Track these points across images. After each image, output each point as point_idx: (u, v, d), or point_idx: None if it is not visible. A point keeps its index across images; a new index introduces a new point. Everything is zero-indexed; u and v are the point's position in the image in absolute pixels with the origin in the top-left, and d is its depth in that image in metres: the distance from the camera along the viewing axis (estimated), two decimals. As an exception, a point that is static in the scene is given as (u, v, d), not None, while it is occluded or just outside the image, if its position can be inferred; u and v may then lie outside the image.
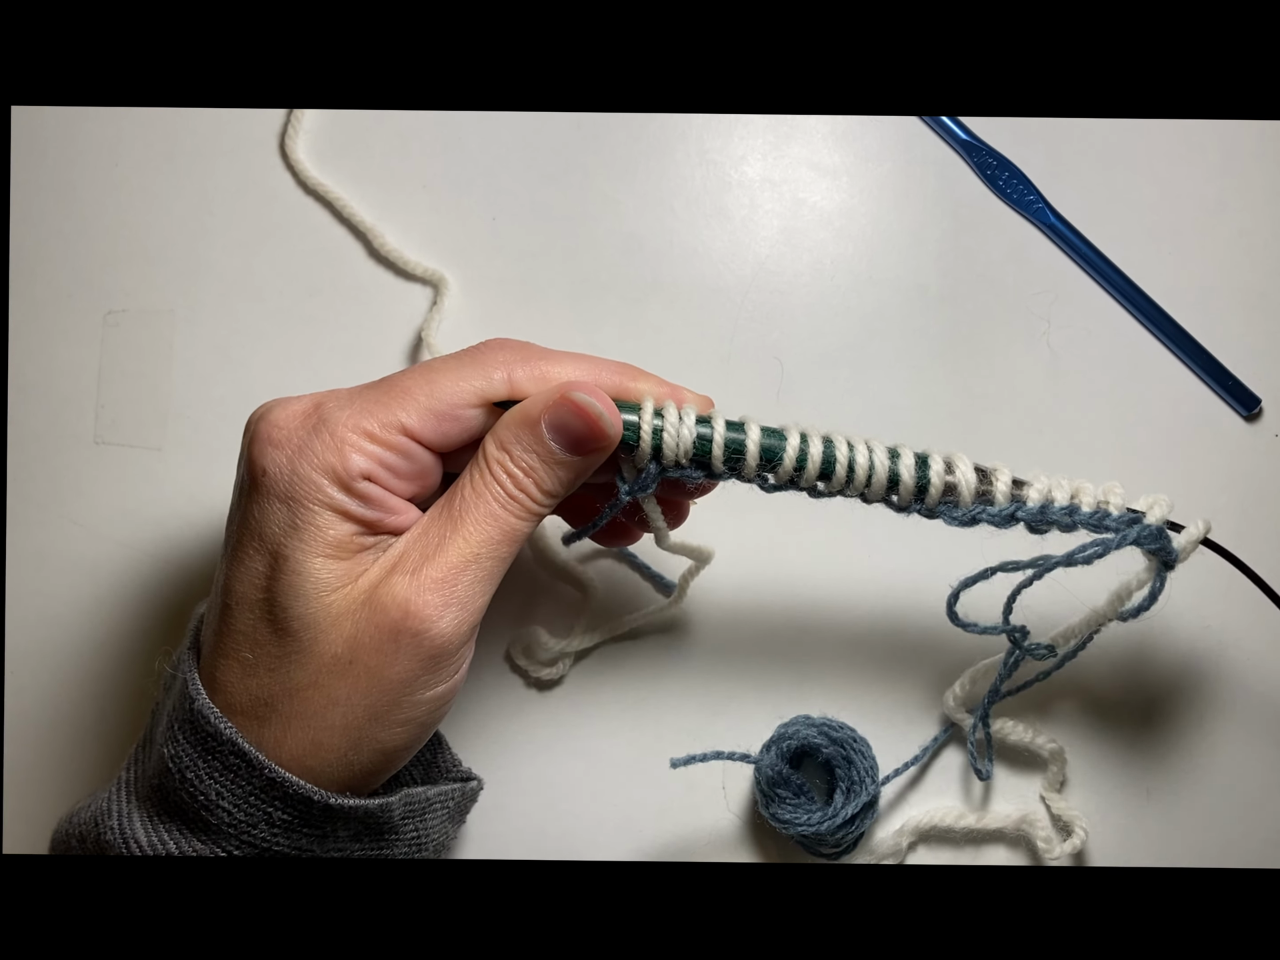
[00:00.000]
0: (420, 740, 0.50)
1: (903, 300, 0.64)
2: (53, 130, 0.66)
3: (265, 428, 0.48)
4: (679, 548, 0.57)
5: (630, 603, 0.62)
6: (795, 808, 0.57)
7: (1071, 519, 0.50)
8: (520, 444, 0.48)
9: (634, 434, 0.49)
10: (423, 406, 0.48)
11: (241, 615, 0.48)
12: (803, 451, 0.50)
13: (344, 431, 0.47)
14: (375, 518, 0.48)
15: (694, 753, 0.56)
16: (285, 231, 0.65)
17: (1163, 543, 0.50)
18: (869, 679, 0.61)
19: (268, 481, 0.47)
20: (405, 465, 0.48)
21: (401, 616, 0.46)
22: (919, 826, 0.59)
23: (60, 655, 0.62)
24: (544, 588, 0.62)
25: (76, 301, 0.64)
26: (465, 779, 0.57)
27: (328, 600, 0.47)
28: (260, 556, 0.47)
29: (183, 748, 0.47)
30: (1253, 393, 0.62)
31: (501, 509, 0.48)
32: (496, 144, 0.66)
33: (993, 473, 0.51)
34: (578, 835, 0.60)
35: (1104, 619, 0.53)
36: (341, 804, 0.47)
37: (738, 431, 0.50)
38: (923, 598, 0.61)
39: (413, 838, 0.52)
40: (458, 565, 0.47)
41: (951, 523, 0.51)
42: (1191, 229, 0.64)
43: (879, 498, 0.51)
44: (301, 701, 0.47)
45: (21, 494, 0.63)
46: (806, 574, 0.62)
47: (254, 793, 0.46)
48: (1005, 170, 0.64)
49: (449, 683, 0.49)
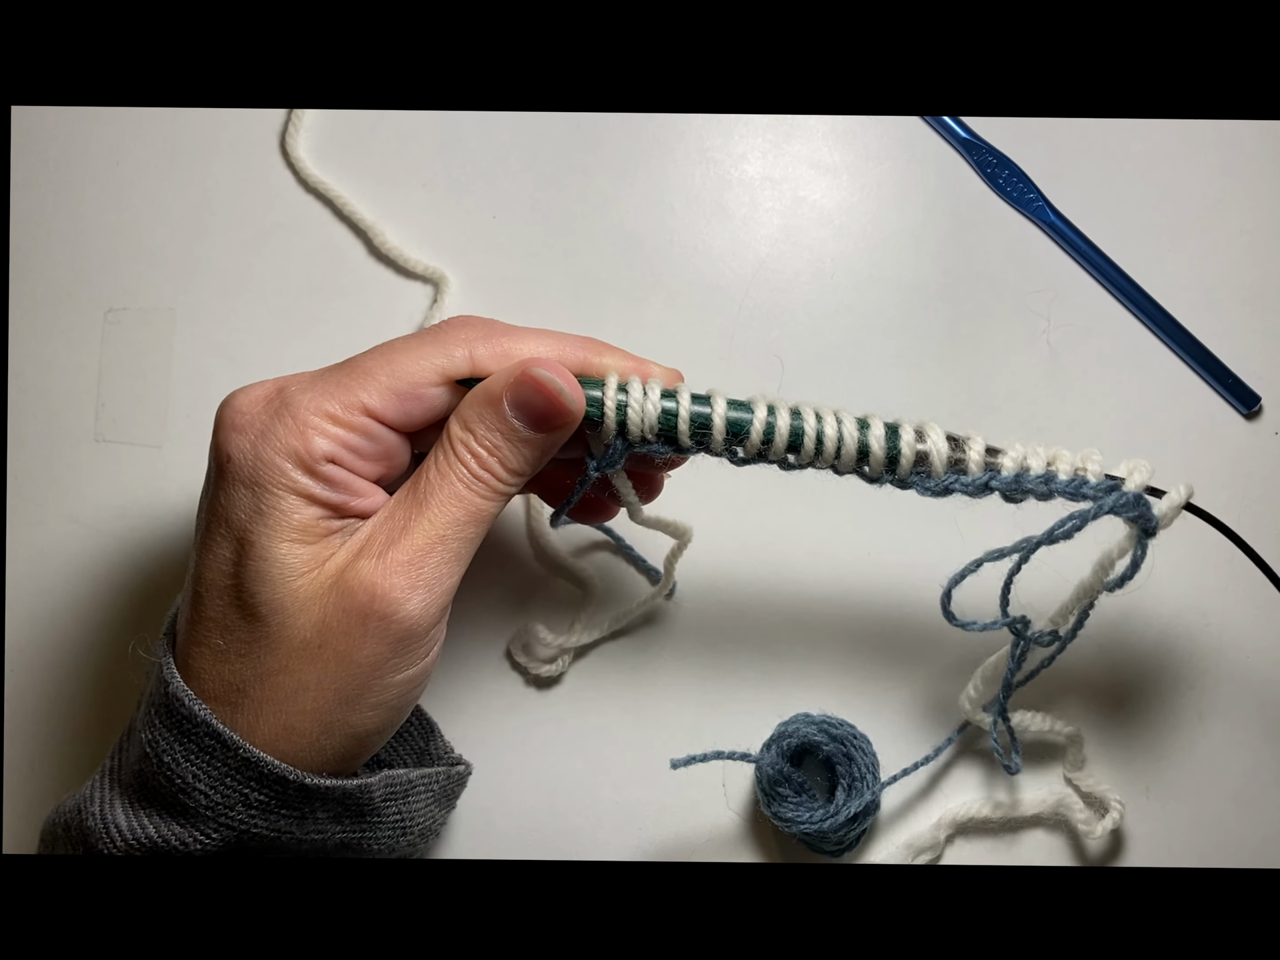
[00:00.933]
0: (393, 724, 0.50)
1: (903, 298, 0.64)
2: (53, 130, 0.66)
3: (228, 413, 0.48)
4: (654, 523, 0.57)
5: (630, 599, 0.61)
6: (797, 806, 0.56)
7: (1048, 487, 0.49)
8: (483, 423, 0.48)
9: (598, 410, 0.49)
10: (384, 386, 0.47)
11: (211, 602, 0.48)
12: (769, 424, 0.49)
13: (306, 414, 0.47)
14: (340, 500, 0.47)
15: (694, 753, 0.56)
16: (285, 230, 0.65)
17: (1141, 509, 0.49)
18: (870, 675, 0.61)
19: (232, 467, 0.47)
20: (369, 446, 0.48)
21: (369, 600, 0.46)
22: (956, 819, 0.58)
23: (60, 652, 0.62)
24: (543, 584, 0.62)
25: (76, 301, 0.64)
26: (453, 764, 0.57)
27: (295, 585, 0.47)
28: (227, 543, 0.47)
29: (159, 732, 0.47)
30: (1253, 391, 0.62)
31: (466, 489, 0.48)
32: (496, 144, 0.66)
33: (965, 441, 0.50)
34: (578, 834, 0.60)
35: (1092, 592, 0.52)
36: (318, 784, 0.47)
37: (703, 405, 0.49)
38: (922, 592, 0.61)
39: (396, 820, 0.52)
40: (424, 547, 0.47)
41: (924, 493, 0.50)
42: (1191, 228, 0.64)
43: (850, 469, 0.50)
44: (272, 687, 0.47)
45: (21, 492, 0.63)
46: (806, 571, 0.62)
47: (230, 774, 0.47)
48: (1005, 169, 0.64)
49: (419, 665, 0.48)
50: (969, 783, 0.60)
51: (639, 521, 0.55)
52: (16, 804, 0.60)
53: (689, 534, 0.59)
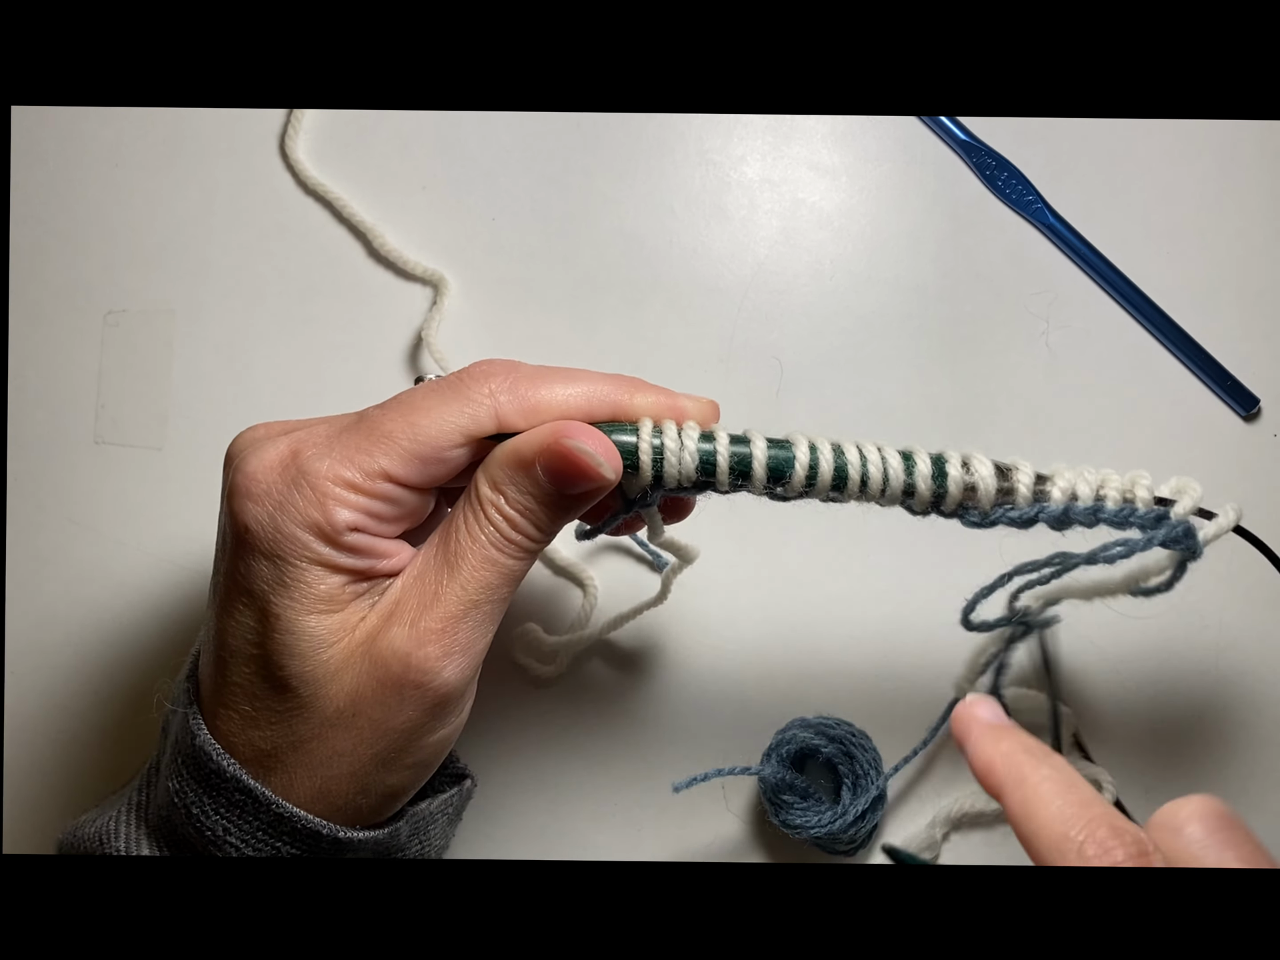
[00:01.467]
0: (427, 777, 0.49)
1: (902, 300, 0.64)
2: (53, 130, 0.66)
3: (242, 480, 0.45)
4: (668, 544, 0.56)
5: (629, 600, 0.61)
6: (804, 811, 0.56)
7: (1096, 519, 0.47)
8: (515, 485, 0.46)
9: (633, 460, 0.47)
10: (405, 450, 0.45)
11: (237, 669, 0.46)
12: (813, 465, 0.47)
13: (325, 484, 0.44)
14: (366, 566, 0.46)
15: (695, 774, 0.56)
16: (285, 231, 0.65)
17: (1189, 543, 0.48)
18: (869, 669, 0.61)
19: (251, 539, 0.45)
20: (391, 510, 0.46)
21: (403, 670, 0.45)
22: (950, 816, 0.58)
23: (60, 655, 0.62)
24: (543, 585, 0.62)
25: (76, 301, 0.64)
26: (460, 776, 0.57)
27: (325, 656, 0.45)
28: (250, 612, 0.46)
29: (187, 783, 0.47)
30: (1251, 393, 0.62)
31: (498, 553, 0.46)
32: (496, 144, 0.66)
33: (1012, 471, 0.48)
34: (577, 834, 0.60)
35: (1114, 592, 0.51)
36: (351, 837, 0.47)
37: (742, 446, 0.47)
38: (916, 589, 0.61)
39: (417, 851, 0.52)
40: (457, 614, 0.46)
41: (970, 525, 0.48)
42: (1191, 229, 0.64)
43: (894, 503, 0.49)
44: (306, 753, 0.46)
45: (22, 493, 0.63)
46: (806, 570, 0.62)
47: (262, 828, 0.46)
48: (1004, 170, 0.64)
49: (453, 725, 0.48)
50: (958, 776, 0.60)
51: (656, 543, 0.54)
52: (16, 804, 0.61)
53: (694, 557, 0.58)
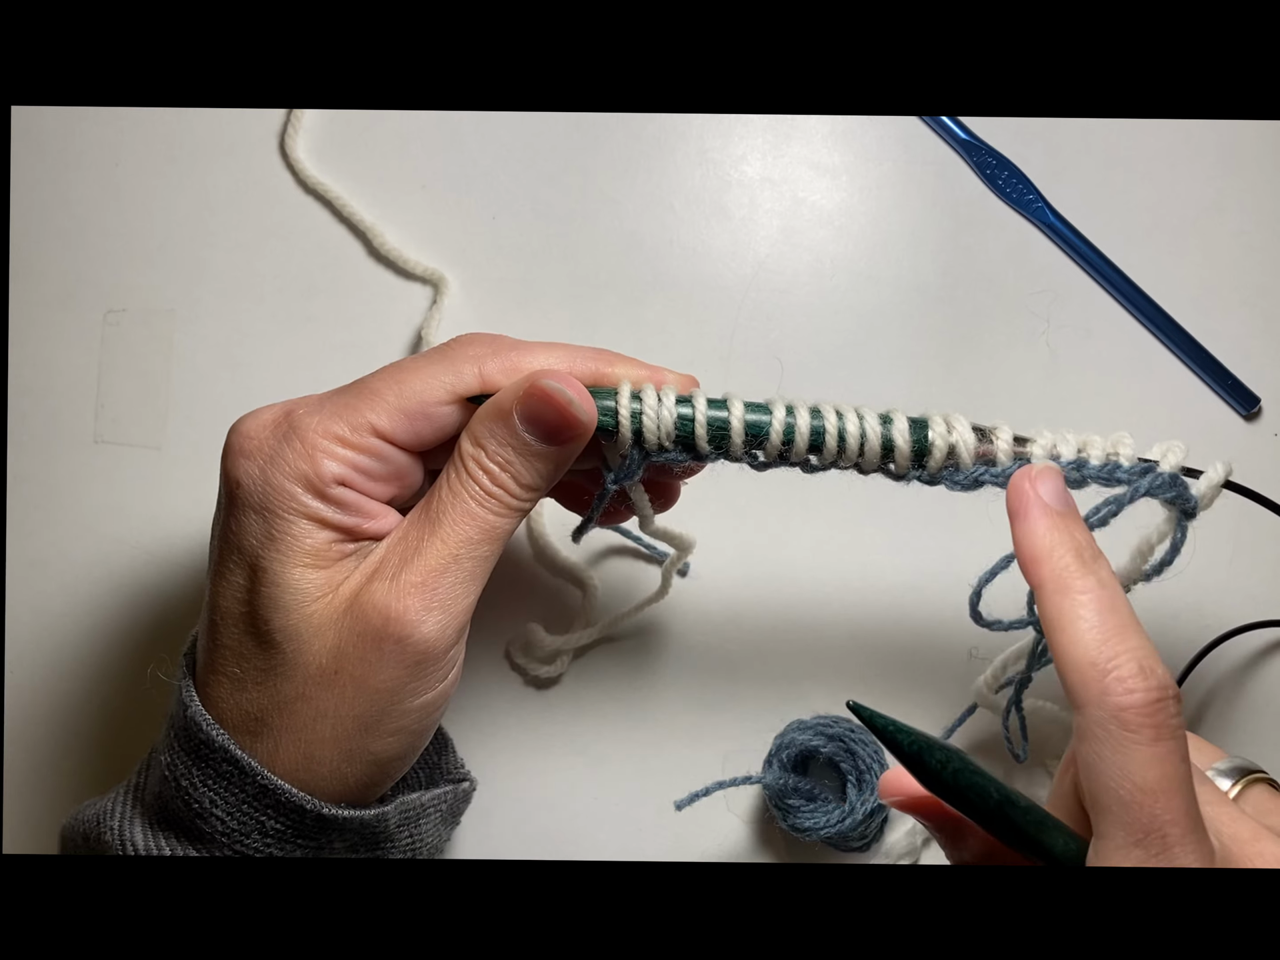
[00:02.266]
0: (414, 749, 0.49)
1: (902, 299, 0.64)
2: (53, 130, 0.66)
3: (236, 439, 0.47)
4: (662, 534, 0.56)
5: (629, 600, 0.61)
6: (812, 813, 0.56)
7: (1080, 473, 0.47)
8: (494, 438, 0.47)
9: (612, 419, 0.48)
10: (393, 407, 0.47)
11: (226, 630, 0.47)
12: (789, 425, 0.48)
13: (315, 437, 0.46)
14: (352, 523, 0.47)
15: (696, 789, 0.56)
16: (285, 231, 0.65)
17: (1178, 489, 0.47)
18: (873, 667, 0.61)
19: (242, 494, 0.46)
20: (379, 467, 0.47)
21: (383, 623, 0.45)
22: None
23: (59, 654, 0.62)
24: (542, 585, 0.62)
25: (76, 301, 0.64)
26: (459, 780, 0.57)
27: (309, 610, 0.46)
28: (240, 570, 0.47)
29: (178, 755, 0.47)
30: (1252, 392, 0.62)
31: (479, 506, 0.47)
32: (496, 144, 0.66)
33: (992, 431, 0.48)
34: (577, 834, 0.60)
35: (1128, 580, 0.50)
36: (335, 814, 0.47)
37: (720, 409, 0.48)
38: (920, 584, 0.61)
39: (407, 844, 0.52)
40: (437, 567, 0.46)
41: (954, 487, 0.48)
42: (1191, 229, 0.64)
43: (875, 467, 0.48)
44: (290, 715, 0.46)
45: (21, 493, 0.63)
46: (806, 570, 0.62)
47: (246, 800, 0.46)
48: (1005, 170, 0.64)
49: (438, 689, 0.48)
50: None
51: (649, 532, 0.55)
52: (16, 805, 0.60)
53: (691, 546, 0.58)
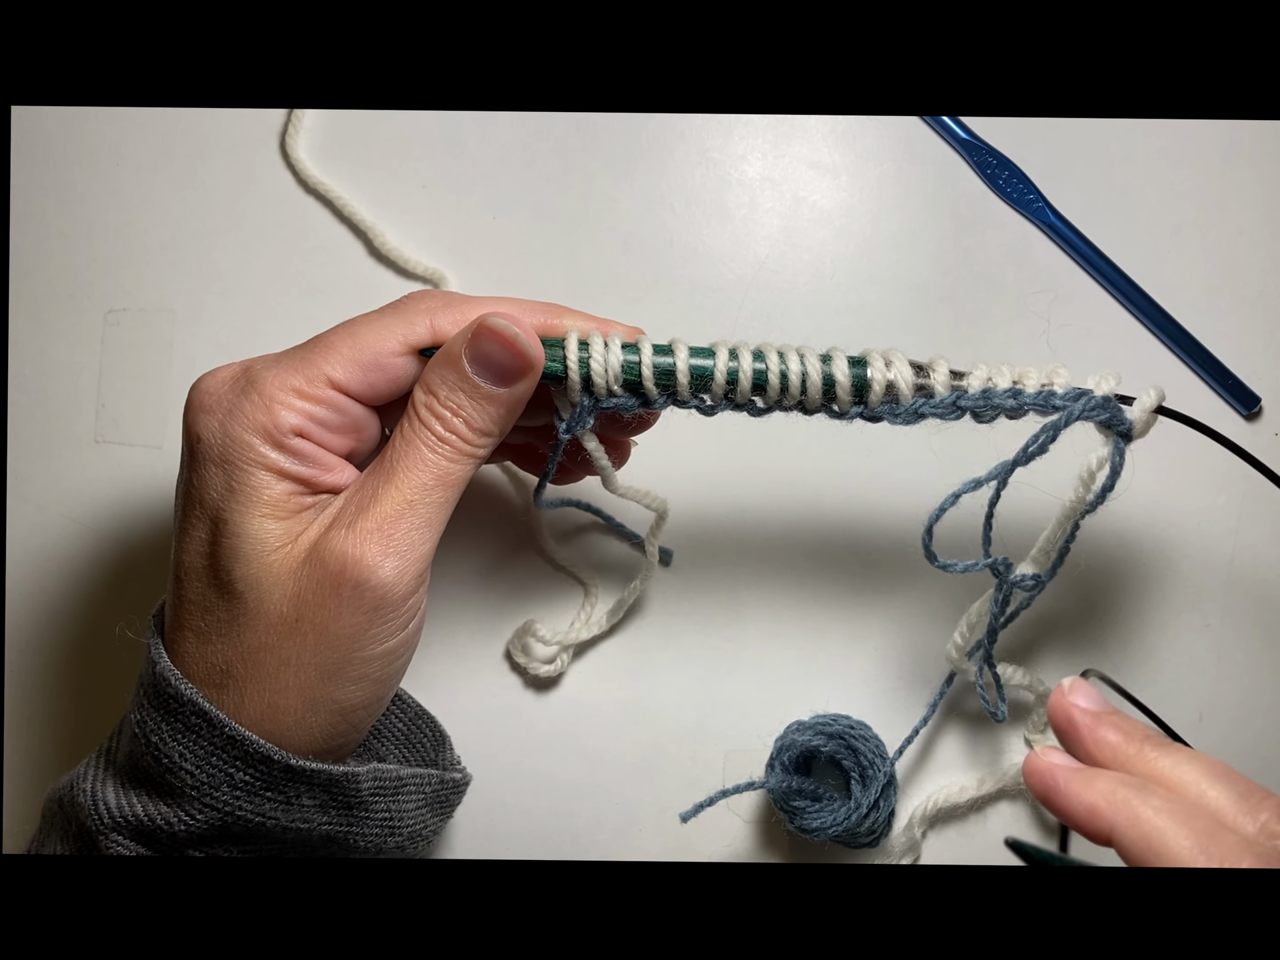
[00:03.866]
0: (379, 698, 0.50)
1: (902, 299, 0.64)
2: (53, 130, 0.66)
3: (196, 395, 0.49)
4: (629, 492, 0.57)
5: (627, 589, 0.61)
6: (818, 813, 0.56)
7: (1017, 401, 0.49)
8: (445, 384, 0.48)
9: (560, 365, 0.50)
10: (347, 358, 0.48)
11: (190, 584, 0.48)
12: (733, 368, 0.50)
13: (272, 389, 0.47)
14: (310, 474, 0.48)
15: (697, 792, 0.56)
16: (285, 231, 0.65)
17: (1112, 411, 0.49)
18: (869, 664, 0.61)
19: (202, 448, 0.48)
20: (336, 419, 0.48)
21: (341, 568, 0.46)
22: (926, 814, 0.59)
23: (60, 653, 0.62)
24: (543, 585, 0.62)
25: (76, 301, 0.64)
26: (449, 769, 0.57)
27: (269, 560, 0.47)
28: (202, 524, 0.48)
29: (148, 712, 0.48)
30: (1253, 392, 0.62)
31: (431, 452, 0.48)
32: (496, 144, 0.66)
33: (929, 365, 0.50)
34: (577, 835, 0.60)
35: (1074, 513, 0.52)
36: (303, 765, 0.48)
37: (666, 354, 0.50)
38: (921, 583, 0.61)
39: (384, 818, 0.52)
40: (393, 514, 0.47)
41: (895, 421, 0.50)
42: (1191, 229, 0.64)
43: (817, 406, 0.50)
44: (254, 664, 0.47)
45: (21, 492, 0.63)
46: (805, 570, 0.62)
47: (215, 752, 0.47)
48: (1005, 169, 0.64)
49: (399, 636, 0.49)
50: (959, 754, 0.61)
51: (613, 490, 0.55)
52: (16, 806, 0.61)
53: (665, 506, 0.59)
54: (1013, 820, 0.60)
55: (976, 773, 0.60)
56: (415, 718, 0.56)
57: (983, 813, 0.60)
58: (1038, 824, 0.60)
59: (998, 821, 0.60)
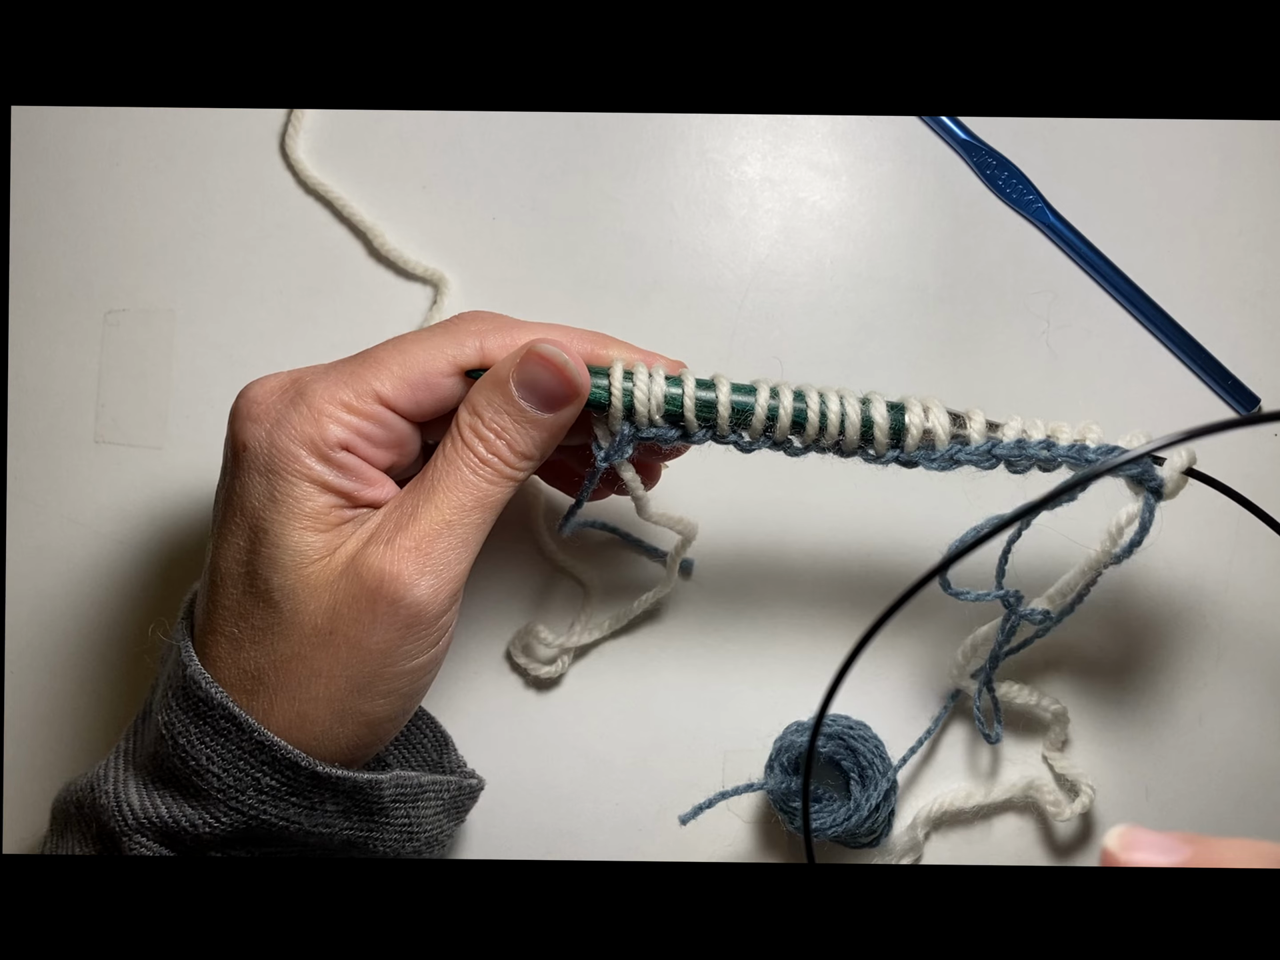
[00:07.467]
0: (405, 712, 0.50)
1: (902, 300, 0.64)
2: (53, 130, 0.66)
3: (244, 404, 0.49)
4: (662, 519, 0.58)
5: (630, 597, 0.61)
6: (818, 814, 0.56)
7: (1050, 453, 0.50)
8: (491, 406, 0.49)
9: (605, 393, 0.50)
10: (396, 375, 0.49)
11: (226, 590, 0.48)
12: (773, 406, 0.51)
13: (321, 403, 0.48)
14: (352, 488, 0.48)
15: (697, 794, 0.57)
16: (285, 231, 0.65)
17: (1143, 467, 0.50)
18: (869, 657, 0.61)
19: (248, 456, 0.48)
20: (382, 434, 0.49)
21: (378, 584, 0.47)
22: (930, 815, 0.59)
23: (60, 654, 0.62)
24: (543, 585, 0.62)
25: (76, 301, 0.64)
26: (467, 775, 0.57)
27: (307, 571, 0.47)
28: (242, 531, 0.48)
29: (176, 714, 0.48)
30: (1252, 392, 0.62)
31: (473, 474, 0.48)
32: (496, 144, 0.66)
33: (966, 415, 0.51)
34: (578, 835, 0.60)
35: (1099, 565, 0.52)
36: (329, 772, 0.48)
37: (708, 389, 0.51)
38: (902, 572, 0.61)
39: (404, 824, 0.52)
40: (431, 533, 0.48)
41: (930, 466, 0.51)
42: (1191, 229, 0.64)
43: (854, 449, 0.51)
44: (286, 673, 0.47)
45: (22, 493, 0.63)
46: (805, 570, 0.62)
47: (243, 757, 0.47)
48: (1005, 170, 0.64)
49: (430, 653, 0.49)
50: (959, 762, 0.60)
51: (646, 517, 0.56)
52: (16, 806, 0.61)
53: (695, 530, 0.59)
54: (1018, 832, 0.60)
55: (980, 779, 0.60)
56: (415, 719, 0.56)
57: (989, 821, 0.60)
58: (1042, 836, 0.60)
59: (1003, 829, 0.60)
